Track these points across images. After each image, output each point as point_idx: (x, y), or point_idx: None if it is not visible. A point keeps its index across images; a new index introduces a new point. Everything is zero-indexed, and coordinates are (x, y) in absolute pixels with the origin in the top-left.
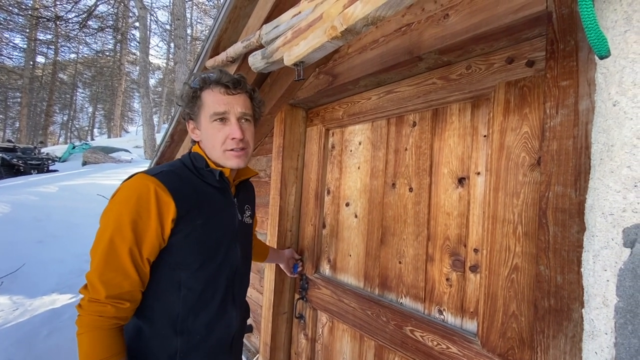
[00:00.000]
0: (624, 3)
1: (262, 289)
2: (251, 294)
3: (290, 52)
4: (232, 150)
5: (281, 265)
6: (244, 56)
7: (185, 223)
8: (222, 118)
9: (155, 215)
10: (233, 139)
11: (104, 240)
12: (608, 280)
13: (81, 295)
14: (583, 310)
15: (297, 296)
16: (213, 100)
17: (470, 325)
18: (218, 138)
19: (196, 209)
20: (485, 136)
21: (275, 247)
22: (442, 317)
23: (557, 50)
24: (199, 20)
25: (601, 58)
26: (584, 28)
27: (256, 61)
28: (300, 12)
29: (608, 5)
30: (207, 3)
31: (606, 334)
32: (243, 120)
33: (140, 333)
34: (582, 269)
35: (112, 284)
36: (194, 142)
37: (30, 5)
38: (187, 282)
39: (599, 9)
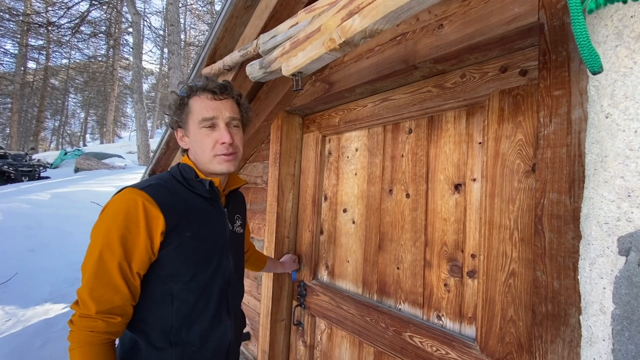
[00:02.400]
0: (615, 19)
1: (259, 296)
2: (249, 301)
3: (289, 63)
4: (222, 154)
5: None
6: (241, 65)
7: (175, 236)
8: (211, 124)
9: (144, 229)
10: (223, 143)
11: (94, 256)
12: (604, 288)
13: (73, 311)
14: (581, 317)
15: (295, 303)
16: (201, 106)
17: (469, 330)
18: (207, 143)
19: (185, 221)
20: (480, 143)
21: (273, 253)
22: (440, 322)
23: (549, 60)
24: (192, 26)
25: (594, 74)
26: (577, 45)
27: (254, 70)
28: (297, 23)
29: (599, 21)
30: (200, 9)
31: (604, 340)
32: (232, 125)
33: (136, 346)
34: (579, 277)
35: (103, 299)
36: (183, 151)
37: (21, 11)
38: (179, 294)
39: (591, 24)
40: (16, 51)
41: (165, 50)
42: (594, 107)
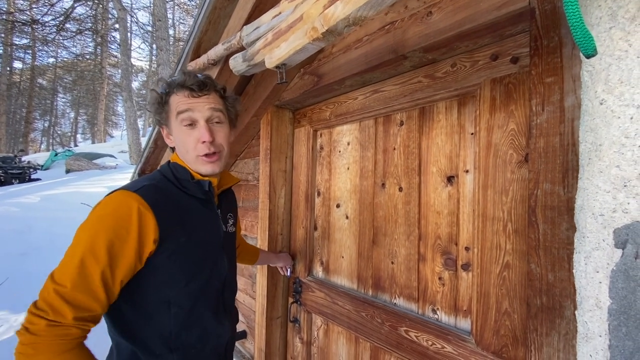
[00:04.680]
0: None
1: (254, 294)
2: (244, 299)
3: (272, 55)
4: (204, 155)
5: (278, 265)
6: (226, 58)
7: (169, 242)
8: (191, 122)
9: (136, 235)
10: (203, 142)
11: (75, 260)
12: (600, 282)
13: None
14: (576, 312)
15: (290, 300)
16: (179, 104)
17: (464, 323)
18: (189, 143)
19: (179, 226)
20: (472, 134)
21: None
22: (436, 316)
23: (540, 46)
24: (181, 21)
25: (588, 57)
26: (570, 27)
27: (237, 64)
28: (280, 13)
29: (592, 2)
30: (188, 3)
31: (600, 336)
32: (213, 122)
33: (135, 356)
34: (574, 271)
35: (82, 306)
36: (172, 149)
37: (4, 9)
38: (176, 300)
39: (583, 6)
40: (1, 51)
41: (154, 46)
42: (588, 93)
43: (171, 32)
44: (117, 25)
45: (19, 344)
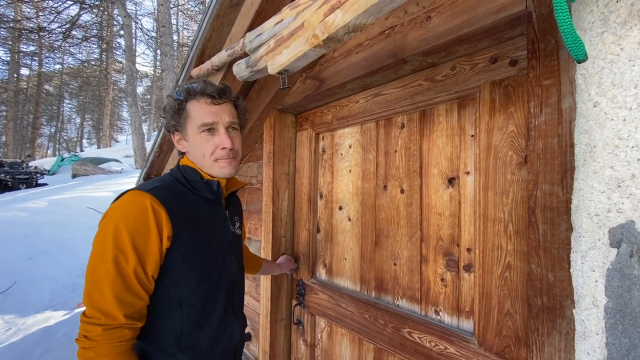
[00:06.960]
0: (600, 4)
1: (258, 296)
2: (248, 302)
3: (274, 61)
4: (222, 159)
5: (281, 273)
6: (229, 64)
7: (182, 241)
8: (211, 128)
9: (155, 231)
10: (223, 148)
11: (107, 264)
12: (597, 281)
13: (76, 319)
14: (574, 310)
15: (294, 302)
16: (200, 111)
17: (467, 324)
18: (207, 148)
19: (191, 225)
20: (472, 136)
21: (270, 253)
22: (438, 317)
23: (538, 49)
24: (185, 26)
25: (579, 62)
26: (561, 33)
27: (240, 70)
28: (282, 20)
29: (585, 7)
30: (192, 9)
31: (597, 334)
32: (231, 129)
33: (146, 354)
34: (571, 270)
35: (127, 301)
36: (181, 154)
37: (12, 17)
38: (187, 299)
39: (576, 11)
40: (8, 58)
41: (158, 52)
42: (582, 96)
43: (175, 37)
44: (122, 32)
45: (79, 349)
